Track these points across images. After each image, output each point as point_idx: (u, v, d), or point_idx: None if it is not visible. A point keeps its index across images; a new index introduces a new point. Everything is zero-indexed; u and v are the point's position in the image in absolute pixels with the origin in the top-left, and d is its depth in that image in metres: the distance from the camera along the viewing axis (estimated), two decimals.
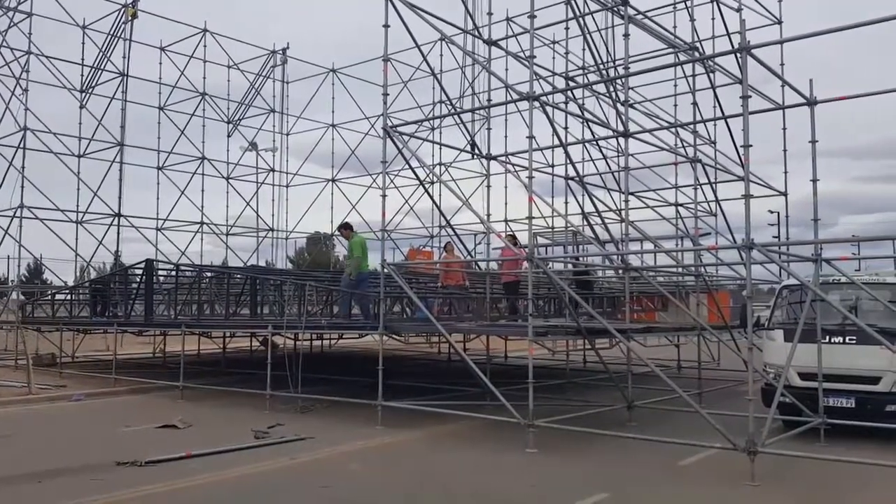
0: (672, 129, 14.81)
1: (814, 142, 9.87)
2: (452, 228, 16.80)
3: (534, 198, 10.04)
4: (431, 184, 21.76)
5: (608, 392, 12.76)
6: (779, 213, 22.76)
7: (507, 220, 23.04)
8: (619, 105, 13.03)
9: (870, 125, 77.29)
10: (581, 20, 13.65)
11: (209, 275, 19.01)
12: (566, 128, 15.40)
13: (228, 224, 28.42)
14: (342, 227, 14.76)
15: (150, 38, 25.56)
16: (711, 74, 14.71)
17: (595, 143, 14.84)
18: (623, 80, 13.31)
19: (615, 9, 13.55)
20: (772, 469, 7.87)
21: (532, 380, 9.27)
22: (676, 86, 16.23)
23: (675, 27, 15.79)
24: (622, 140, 12.66)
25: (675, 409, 10.75)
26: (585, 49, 14.63)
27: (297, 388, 12.02)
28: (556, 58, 18.90)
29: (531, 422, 9.18)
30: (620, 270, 12.77)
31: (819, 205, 9.93)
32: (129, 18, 23.09)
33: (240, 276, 18.80)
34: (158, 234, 25.67)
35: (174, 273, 18.60)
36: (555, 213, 14.34)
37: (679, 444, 8.59)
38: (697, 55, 14.81)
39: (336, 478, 7.98)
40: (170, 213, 26.02)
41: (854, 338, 9.60)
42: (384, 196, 11.58)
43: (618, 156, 15.66)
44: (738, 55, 8.63)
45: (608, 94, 14.14)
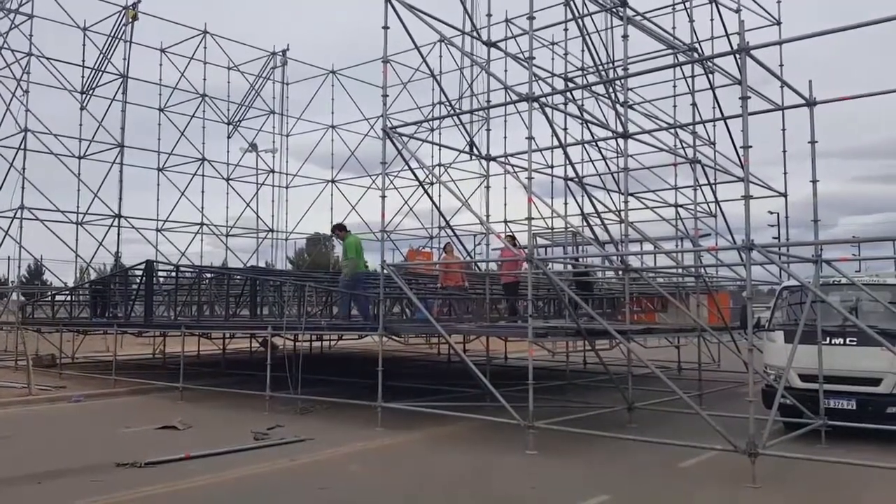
0: (671, 130, 14.81)
1: (813, 142, 9.87)
2: (452, 229, 16.79)
3: (533, 199, 10.04)
4: (431, 185, 21.77)
5: (608, 393, 12.75)
6: (778, 214, 22.79)
7: (507, 221, 23.08)
8: (619, 106, 13.03)
9: (869, 125, 77.38)
10: (580, 21, 13.65)
11: (209, 276, 19.00)
12: (565, 129, 15.37)
13: (228, 225, 28.45)
14: (336, 229, 14.76)
15: (151, 40, 25.64)
16: (711, 75, 14.71)
17: (594, 144, 14.84)
18: (622, 81, 13.32)
19: (614, 10, 13.56)
20: (772, 471, 7.86)
21: (532, 381, 9.26)
22: (676, 87, 16.25)
23: (675, 28, 15.81)
24: (621, 141, 12.67)
25: (676, 411, 10.75)
26: (585, 50, 14.62)
27: (297, 390, 12.01)
28: (556, 59, 18.90)
29: (531, 423, 9.17)
30: (620, 271, 12.76)
31: (819, 206, 9.93)
32: (130, 20, 23.12)
33: (239, 277, 18.80)
34: (158, 235, 25.73)
35: (174, 274, 18.63)
36: (554, 214, 14.35)
37: (679, 446, 8.58)
38: (696, 56, 14.83)
39: (336, 479, 7.97)
40: (170, 215, 26.07)
41: (854, 339, 9.59)
42: (384, 197, 11.60)
43: (617, 157, 15.67)
44: (738, 56, 8.63)
45: (607, 95, 14.13)
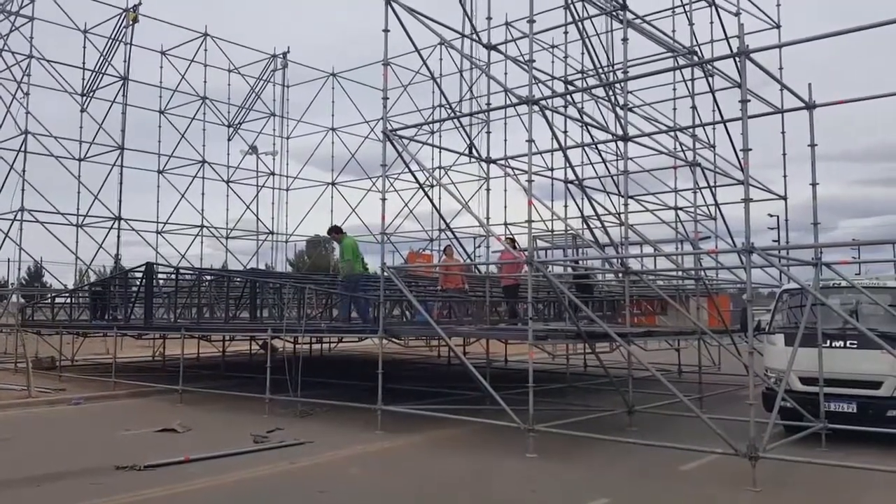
0: (671, 133, 14.82)
1: (813, 145, 9.88)
2: (452, 232, 16.78)
3: (533, 201, 10.04)
4: (431, 187, 21.76)
5: (609, 396, 12.74)
6: (778, 217, 22.73)
7: (507, 224, 23.11)
8: (619, 109, 13.03)
9: (869, 128, 77.44)
10: (580, 25, 13.65)
11: (209, 278, 19.00)
12: (565, 131, 15.38)
13: (228, 227, 28.47)
14: (332, 231, 14.74)
15: (151, 43, 25.69)
16: (710, 78, 14.72)
17: (594, 147, 14.83)
18: (622, 84, 13.32)
19: (614, 13, 13.57)
20: (773, 474, 7.84)
21: (532, 384, 9.25)
22: (675, 90, 16.25)
23: (674, 31, 15.80)
24: (621, 144, 12.67)
25: (676, 414, 10.75)
26: (584, 53, 14.64)
27: (297, 392, 12.00)
28: (556, 62, 18.91)
29: (531, 426, 9.16)
30: (620, 274, 12.76)
31: (819, 208, 9.92)
32: (131, 22, 23.14)
33: (239, 280, 18.80)
34: (158, 238, 25.76)
35: (174, 276, 18.61)
36: (554, 217, 14.38)
37: (680, 449, 8.56)
38: (696, 59, 14.84)
39: (335, 482, 7.96)
40: (170, 217, 26.10)
41: (855, 342, 9.58)
42: (384, 199, 11.61)
43: (617, 159, 15.67)
44: (737, 59, 8.64)
45: (607, 98, 14.13)
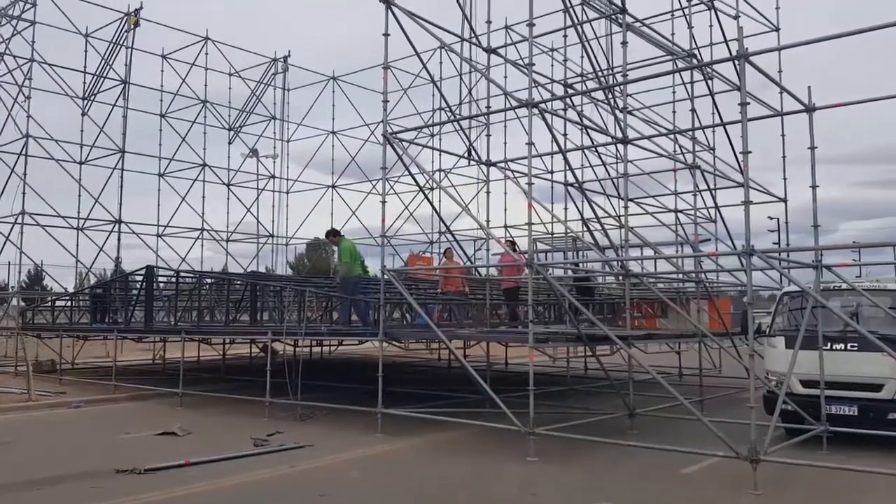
0: (671, 136, 14.83)
1: (813, 148, 9.88)
2: (452, 234, 16.80)
3: (533, 204, 10.05)
4: (431, 190, 21.79)
5: (609, 399, 12.73)
6: (778, 220, 22.77)
7: (507, 227, 23.09)
8: (618, 112, 13.04)
9: (869, 130, 77.45)
10: (580, 28, 13.67)
11: (209, 281, 19.01)
12: (565, 134, 15.39)
13: (229, 230, 28.43)
14: (330, 234, 14.74)
15: (152, 46, 25.67)
16: (710, 81, 14.74)
17: (594, 150, 14.87)
18: (622, 88, 13.33)
19: (613, 17, 13.59)
20: (774, 477, 7.84)
21: (533, 387, 9.24)
22: (675, 93, 16.28)
23: (674, 34, 15.82)
24: (621, 147, 12.69)
25: (677, 417, 10.74)
26: (584, 56, 14.67)
27: (297, 396, 11.99)
28: (555, 65, 18.91)
29: (532, 429, 9.15)
30: (620, 277, 12.75)
31: (819, 211, 9.94)
32: (132, 26, 23.16)
33: (240, 283, 18.81)
34: (159, 241, 25.70)
35: (174, 279, 18.61)
36: (554, 220, 14.39)
37: (681, 452, 8.56)
38: (696, 62, 14.85)
39: (335, 486, 7.95)
40: (170, 220, 26.05)
41: (856, 345, 9.56)
42: (384, 202, 11.62)
43: (617, 162, 15.69)
44: (737, 62, 8.65)
45: (607, 101, 14.15)
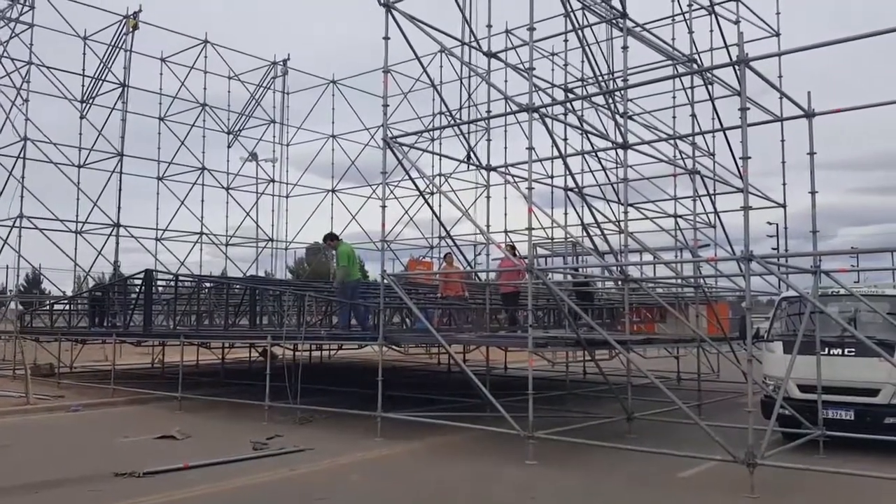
0: (671, 141, 14.85)
1: (812, 153, 9.91)
2: (452, 239, 16.83)
3: (533, 209, 10.08)
4: (431, 194, 21.79)
5: (608, 403, 12.74)
6: (777, 225, 22.84)
7: (507, 231, 23.03)
8: (618, 117, 13.08)
9: (868, 136, 77.43)
10: (580, 33, 13.72)
11: (208, 285, 19.00)
12: (565, 139, 15.41)
13: (228, 234, 28.43)
14: (328, 238, 14.74)
15: (151, 49, 25.67)
16: (710, 86, 14.77)
17: (594, 155, 14.87)
18: (622, 92, 13.38)
19: (614, 21, 13.63)
20: (771, 481, 7.85)
21: (532, 391, 9.25)
22: (675, 98, 16.27)
23: (674, 39, 15.85)
24: (621, 152, 12.71)
25: (675, 421, 10.73)
26: (584, 61, 14.67)
27: (297, 399, 11.99)
28: (556, 70, 18.93)
29: (531, 433, 9.16)
30: (620, 282, 12.77)
31: (818, 216, 9.98)
32: (131, 29, 23.17)
33: (239, 287, 18.81)
34: (158, 245, 25.68)
35: (173, 283, 18.60)
36: (554, 224, 14.36)
37: (679, 456, 8.57)
38: (696, 67, 14.90)
39: (335, 489, 7.95)
40: (169, 224, 26.04)
41: (853, 350, 9.60)
42: (384, 207, 11.63)
43: (617, 167, 15.69)
44: (737, 67, 8.68)
45: (607, 106, 14.18)
